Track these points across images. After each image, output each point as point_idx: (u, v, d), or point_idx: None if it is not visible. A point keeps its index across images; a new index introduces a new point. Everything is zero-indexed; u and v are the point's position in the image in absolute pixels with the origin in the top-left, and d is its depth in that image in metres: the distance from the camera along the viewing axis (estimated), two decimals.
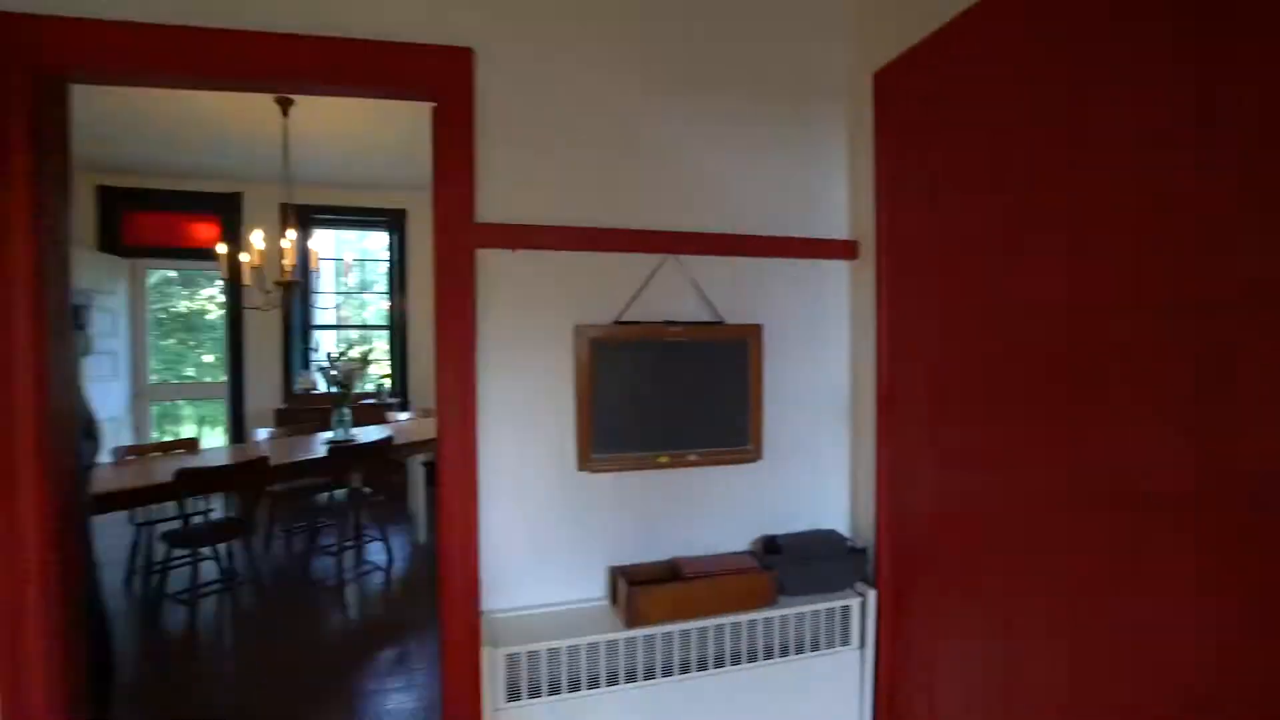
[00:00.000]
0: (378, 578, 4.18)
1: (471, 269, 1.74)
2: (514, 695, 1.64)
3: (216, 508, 4.20)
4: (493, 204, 1.77)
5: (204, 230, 6.23)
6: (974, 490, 1.60)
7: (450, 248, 1.72)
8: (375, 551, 4.47)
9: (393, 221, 6.76)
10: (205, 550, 3.69)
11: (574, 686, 1.68)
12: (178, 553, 3.58)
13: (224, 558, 3.85)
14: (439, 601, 1.78)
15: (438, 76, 1.73)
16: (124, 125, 4.53)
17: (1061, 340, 1.34)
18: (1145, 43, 1.16)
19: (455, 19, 1.74)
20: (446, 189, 1.73)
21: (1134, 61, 1.18)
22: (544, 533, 1.84)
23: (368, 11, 1.68)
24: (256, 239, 4.06)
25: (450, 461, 1.74)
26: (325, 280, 6.86)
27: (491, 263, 1.77)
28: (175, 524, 3.56)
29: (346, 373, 4.20)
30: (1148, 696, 1.18)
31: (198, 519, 3.70)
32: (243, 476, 3.54)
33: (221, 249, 4.28)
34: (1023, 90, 1.43)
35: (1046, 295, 1.37)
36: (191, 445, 4.25)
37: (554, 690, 1.67)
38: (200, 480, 3.35)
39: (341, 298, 6.98)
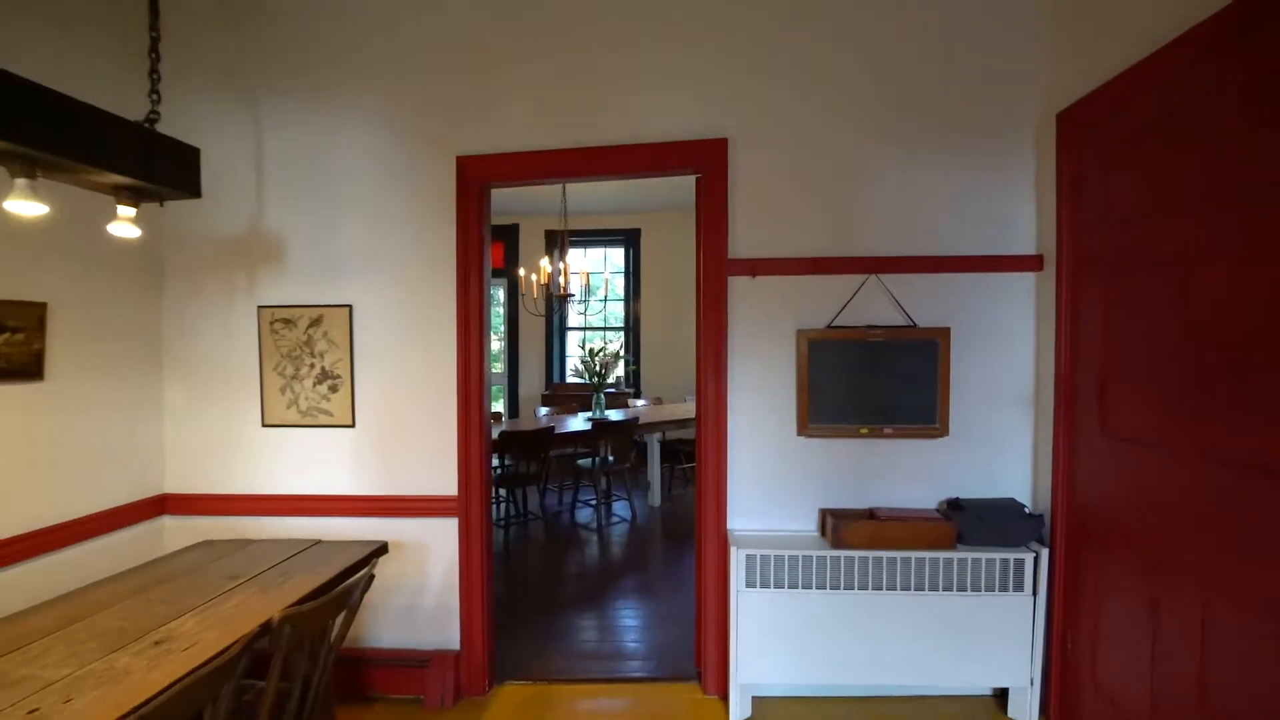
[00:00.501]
0: (624, 527, 5.26)
1: (725, 290, 2.53)
2: (751, 584, 2.39)
3: (498, 464, 5.62)
4: (739, 244, 2.54)
5: None
6: (1138, 469, 1.95)
7: (711, 276, 2.53)
8: (620, 509, 5.58)
9: (629, 238, 8.00)
10: (501, 491, 5.04)
11: (792, 585, 2.37)
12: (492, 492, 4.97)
13: (519, 500, 5.20)
14: (698, 516, 2.61)
15: (704, 159, 2.54)
16: None
17: (1216, 341, 1.69)
18: None
19: (717, 120, 2.54)
20: (708, 234, 2.54)
21: None
22: (771, 478, 2.56)
23: (664, 124, 2.56)
24: (545, 263, 5.38)
25: (708, 421, 2.55)
26: (574, 289, 8.34)
27: (738, 285, 2.54)
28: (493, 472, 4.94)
29: (604, 364, 5.36)
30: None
31: (504, 470, 5.08)
32: (539, 440, 4.81)
33: (520, 271, 5.71)
34: (1184, 127, 1.79)
35: (1203, 302, 1.72)
36: (497, 417, 5.74)
37: (778, 585, 2.38)
38: (516, 441, 4.67)
39: (587, 304, 8.42)
